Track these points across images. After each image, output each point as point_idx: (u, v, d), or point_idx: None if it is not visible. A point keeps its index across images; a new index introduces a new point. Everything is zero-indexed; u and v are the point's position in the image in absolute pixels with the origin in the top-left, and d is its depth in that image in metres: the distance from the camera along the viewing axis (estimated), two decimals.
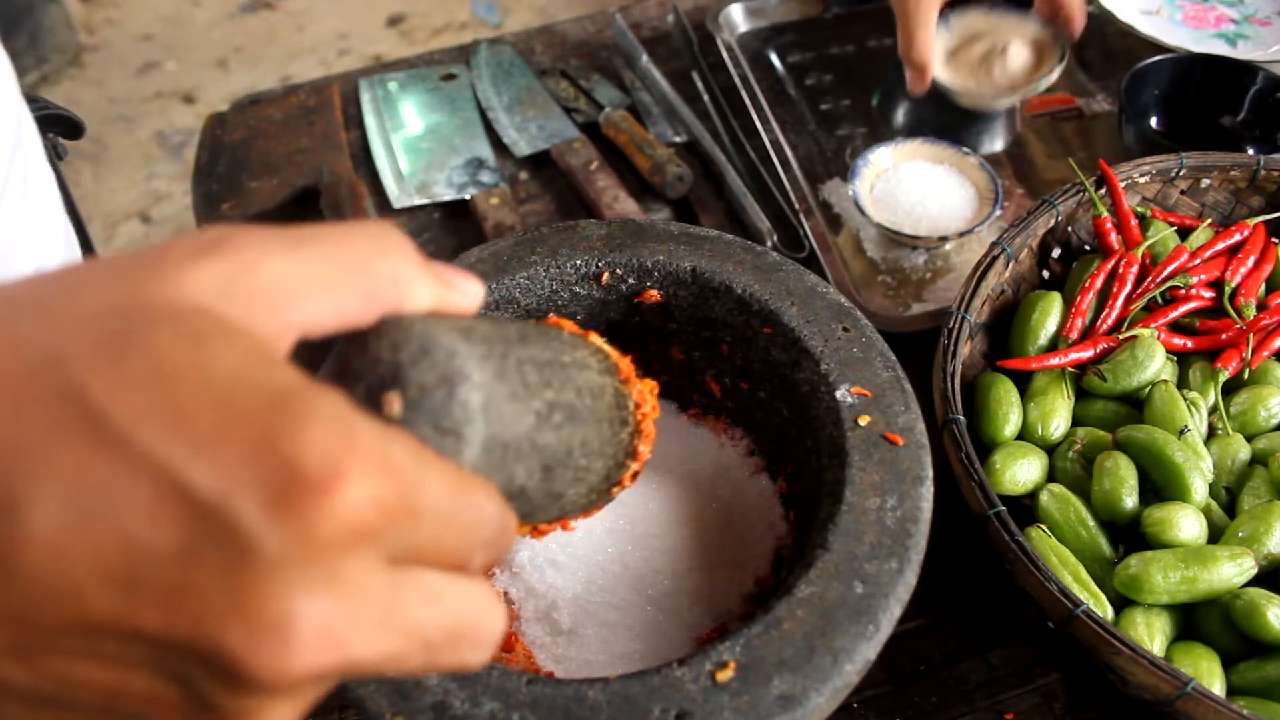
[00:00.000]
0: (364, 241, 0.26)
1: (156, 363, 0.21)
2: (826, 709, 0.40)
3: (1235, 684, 0.52)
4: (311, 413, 0.21)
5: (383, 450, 0.22)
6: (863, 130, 0.92)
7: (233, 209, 0.86)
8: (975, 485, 0.54)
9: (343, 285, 0.25)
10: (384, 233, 0.27)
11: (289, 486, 0.20)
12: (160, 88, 2.42)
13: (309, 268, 0.25)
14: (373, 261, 0.26)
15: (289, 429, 0.21)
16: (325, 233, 0.26)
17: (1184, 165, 0.70)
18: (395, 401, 0.26)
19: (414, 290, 0.27)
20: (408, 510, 0.22)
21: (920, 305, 0.77)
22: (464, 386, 0.27)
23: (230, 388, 0.21)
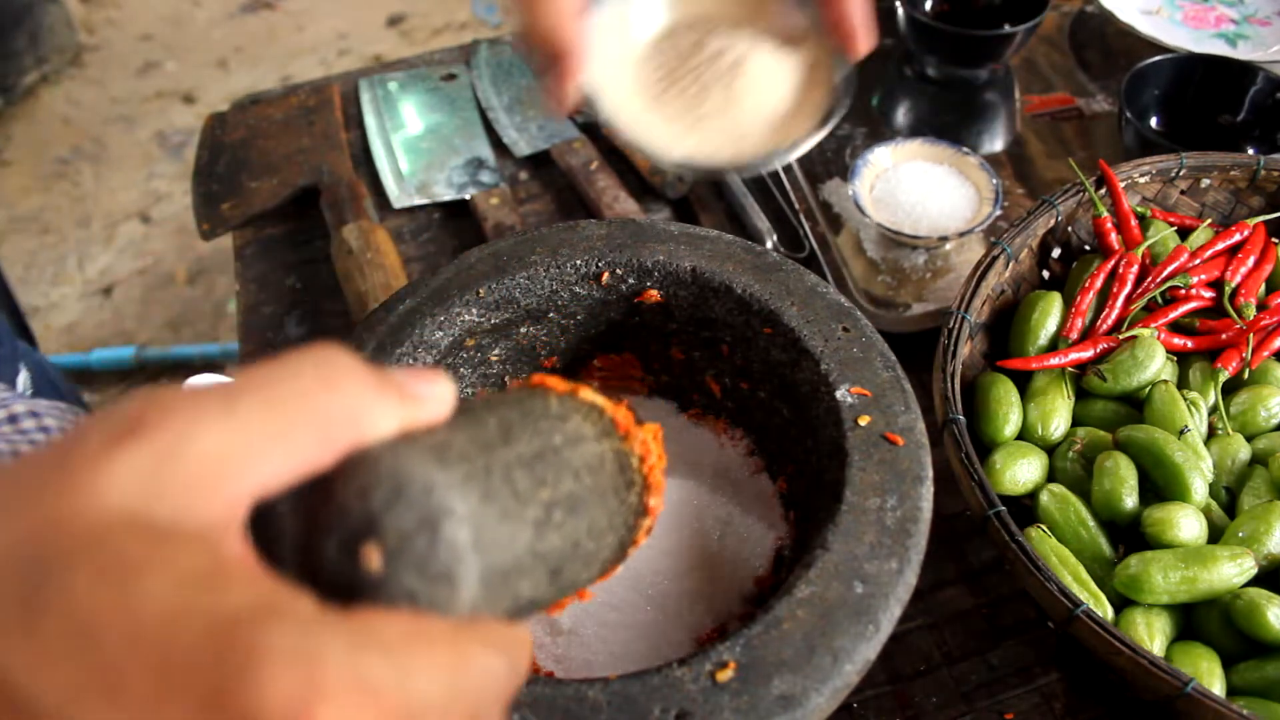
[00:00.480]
0: (308, 379, 0.23)
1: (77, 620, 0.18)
2: (826, 709, 0.40)
3: (1235, 684, 0.52)
4: (265, 651, 0.18)
5: (356, 674, 0.19)
6: (863, 130, 0.92)
7: (233, 209, 0.86)
8: (975, 485, 0.54)
9: (292, 437, 0.22)
10: (330, 362, 0.24)
11: None
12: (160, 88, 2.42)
13: (249, 427, 0.21)
14: (322, 400, 0.23)
15: (241, 678, 0.18)
16: (262, 379, 0.22)
17: (1184, 165, 0.70)
18: (374, 556, 0.24)
19: (375, 419, 0.24)
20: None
21: (920, 305, 0.77)
22: (448, 524, 0.25)
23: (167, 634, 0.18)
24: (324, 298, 0.81)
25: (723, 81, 0.48)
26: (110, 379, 1.80)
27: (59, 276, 2.00)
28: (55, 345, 1.88)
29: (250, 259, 0.85)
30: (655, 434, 0.39)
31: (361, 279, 0.75)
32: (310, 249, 0.85)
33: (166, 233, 2.08)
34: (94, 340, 1.88)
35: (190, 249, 2.03)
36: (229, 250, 0.87)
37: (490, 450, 0.29)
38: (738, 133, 0.50)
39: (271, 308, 0.80)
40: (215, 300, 1.94)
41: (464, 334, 0.55)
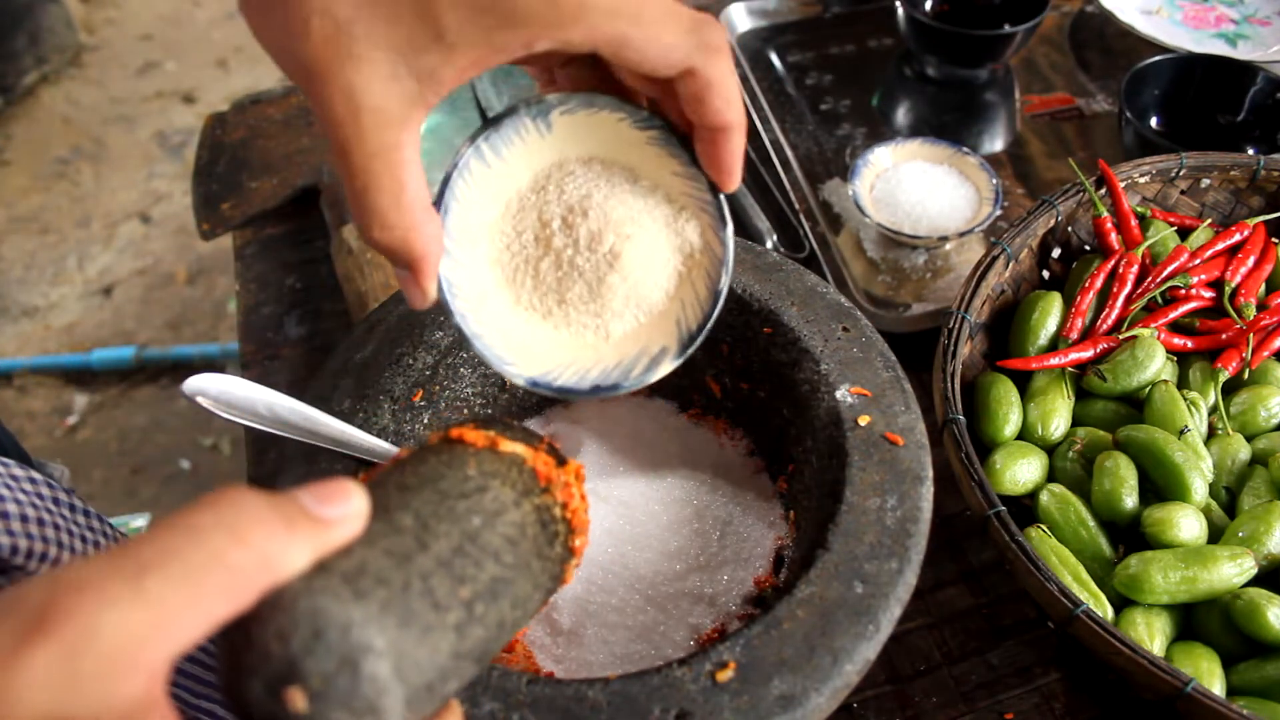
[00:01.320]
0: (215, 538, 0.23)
1: None
2: (826, 709, 0.40)
3: (1235, 684, 0.52)
4: None
5: None
6: (863, 130, 0.92)
7: (233, 209, 0.86)
8: (975, 485, 0.54)
9: (204, 601, 0.22)
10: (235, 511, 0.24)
11: None
12: (160, 88, 2.42)
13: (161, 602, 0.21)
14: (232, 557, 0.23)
15: None
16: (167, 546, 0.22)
17: (1184, 165, 0.70)
18: (299, 698, 0.24)
19: (288, 559, 0.25)
20: None
21: (920, 305, 0.77)
22: (368, 660, 0.25)
23: None
24: (324, 298, 0.81)
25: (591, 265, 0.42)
26: (110, 379, 1.80)
27: (59, 276, 2.00)
28: (55, 345, 1.88)
29: (250, 259, 0.85)
30: (577, 473, 0.38)
31: (361, 279, 0.75)
32: (310, 249, 0.85)
33: (166, 233, 2.08)
34: (94, 340, 1.88)
35: (190, 249, 2.03)
36: (229, 250, 0.87)
37: (408, 561, 0.29)
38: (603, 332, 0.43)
39: (271, 308, 0.80)
40: (215, 300, 1.94)
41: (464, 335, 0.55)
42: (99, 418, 1.76)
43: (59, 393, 1.80)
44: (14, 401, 1.78)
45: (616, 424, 0.61)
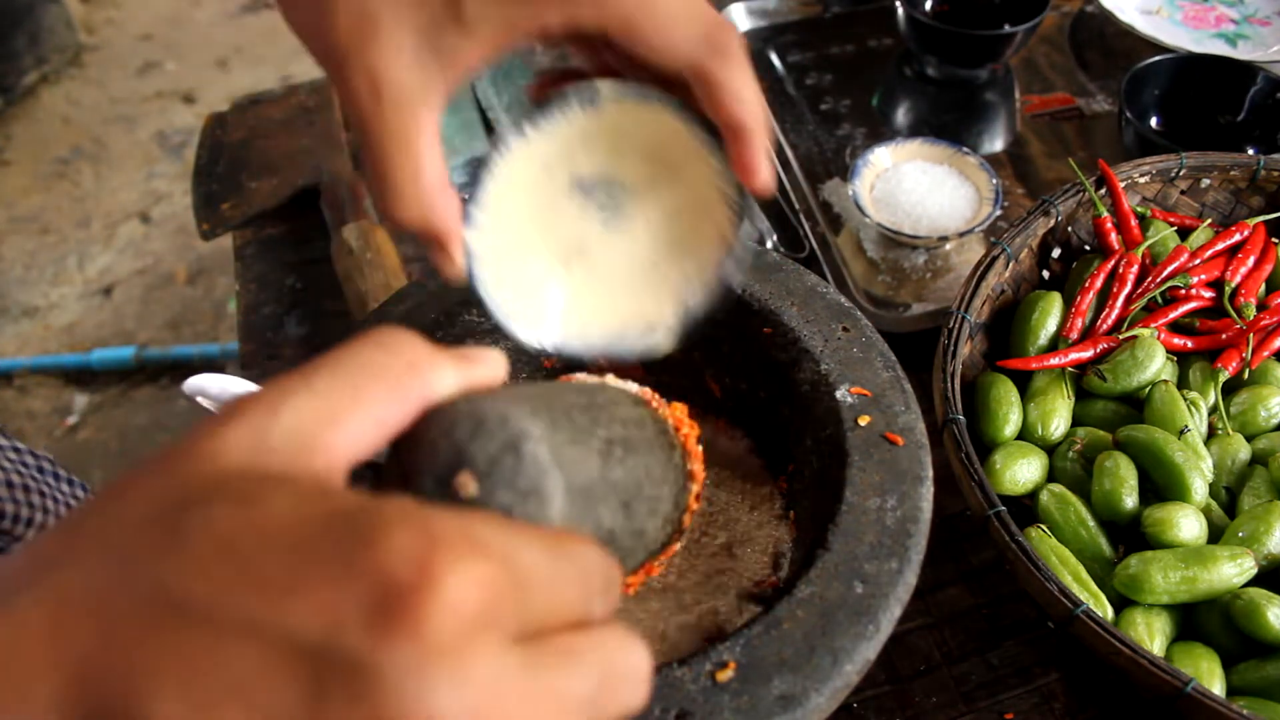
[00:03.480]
0: (371, 350, 0.26)
1: (216, 537, 0.21)
2: (826, 709, 0.40)
3: (1235, 684, 0.52)
4: (382, 522, 0.21)
5: (466, 533, 0.21)
6: (863, 130, 0.92)
7: (233, 209, 0.86)
8: (975, 485, 0.54)
9: (367, 396, 0.25)
10: (388, 335, 0.27)
11: (385, 601, 0.20)
12: (160, 88, 2.42)
13: (329, 393, 0.24)
14: (386, 362, 0.26)
15: (364, 545, 0.20)
16: (333, 358, 0.26)
17: (1184, 165, 0.70)
18: (469, 482, 0.26)
19: (438, 376, 0.27)
20: (512, 583, 0.22)
21: (920, 305, 0.77)
22: (529, 444, 0.27)
23: (293, 532, 0.21)
24: (324, 298, 0.81)
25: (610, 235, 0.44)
26: (110, 379, 1.80)
27: (59, 276, 2.00)
28: (55, 345, 1.88)
29: (250, 259, 0.85)
30: (683, 410, 0.41)
31: (361, 279, 0.75)
32: (310, 249, 0.85)
33: (166, 233, 2.08)
34: (94, 340, 1.88)
35: (190, 249, 2.03)
36: (229, 250, 0.87)
37: (546, 398, 0.31)
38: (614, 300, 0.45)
39: (271, 308, 0.80)
40: (215, 300, 1.94)
41: (464, 334, 0.55)
42: (99, 418, 1.76)
43: (59, 393, 1.80)
44: (14, 401, 1.78)
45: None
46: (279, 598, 0.20)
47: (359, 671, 0.19)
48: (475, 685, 0.20)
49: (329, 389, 0.24)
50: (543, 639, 0.23)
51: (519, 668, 0.21)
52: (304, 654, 0.20)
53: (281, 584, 0.20)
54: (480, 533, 0.22)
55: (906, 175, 0.82)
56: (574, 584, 0.24)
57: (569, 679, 0.23)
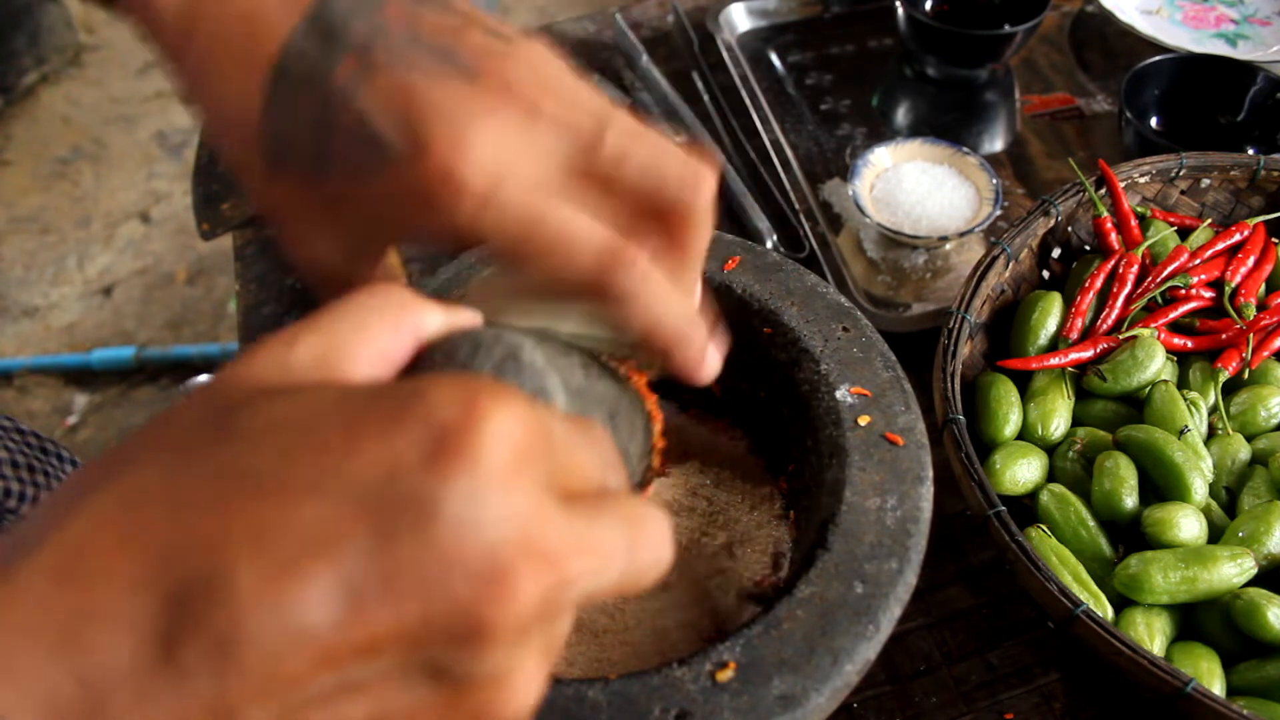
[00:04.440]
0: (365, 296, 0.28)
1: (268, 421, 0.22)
2: (826, 709, 0.40)
3: (1235, 684, 0.52)
4: (424, 385, 0.23)
5: (501, 391, 0.23)
6: (863, 130, 0.92)
7: (233, 209, 0.86)
8: (975, 485, 0.54)
9: (370, 331, 0.27)
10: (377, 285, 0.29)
11: (438, 440, 0.21)
12: (160, 88, 2.42)
13: (336, 330, 0.26)
14: (380, 304, 0.28)
15: (411, 403, 0.22)
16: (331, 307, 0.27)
17: (1184, 165, 0.70)
18: None
19: (427, 314, 0.29)
20: (544, 435, 0.23)
21: (920, 305, 0.77)
22: (525, 351, 0.28)
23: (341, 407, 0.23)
24: None
25: None
26: (110, 379, 1.80)
27: (59, 276, 2.00)
28: (55, 345, 1.88)
29: (250, 259, 0.85)
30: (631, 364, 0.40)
31: None
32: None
33: (166, 233, 2.08)
34: (94, 340, 1.88)
35: (190, 249, 2.03)
36: (229, 250, 0.87)
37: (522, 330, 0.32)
38: None
39: (271, 308, 0.80)
40: (215, 300, 1.94)
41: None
42: (99, 418, 1.76)
43: (59, 393, 1.80)
44: (14, 401, 1.78)
45: None
46: (339, 456, 0.21)
47: (420, 509, 0.21)
48: (526, 517, 0.22)
49: (335, 327, 0.26)
50: (573, 495, 0.24)
51: (561, 511, 0.23)
52: (369, 501, 0.21)
53: (339, 445, 0.22)
54: (512, 393, 0.23)
55: (906, 175, 0.82)
56: (593, 454, 0.26)
57: (603, 530, 0.24)
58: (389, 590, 0.21)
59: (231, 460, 0.22)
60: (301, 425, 0.22)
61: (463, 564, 0.21)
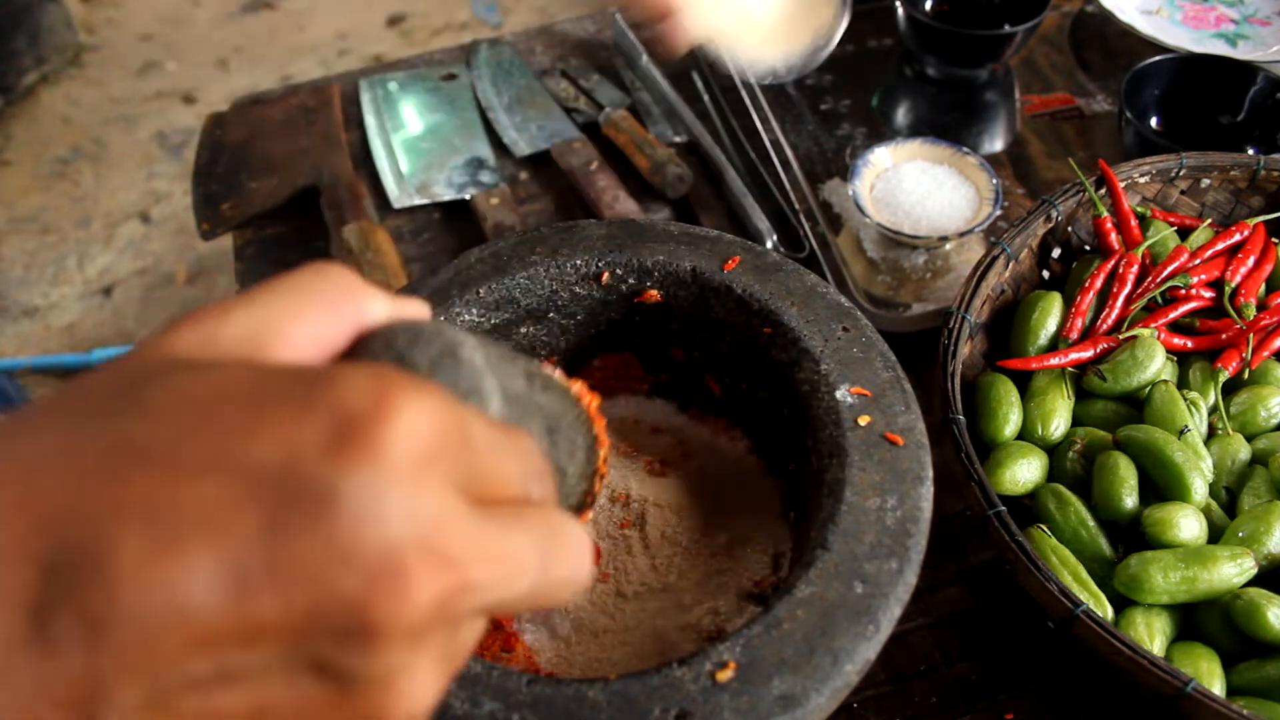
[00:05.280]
0: (308, 276, 0.27)
1: (176, 395, 0.22)
2: (826, 709, 0.40)
3: (1235, 684, 0.52)
4: (339, 371, 0.22)
5: (419, 385, 0.22)
6: (863, 130, 0.92)
7: (233, 209, 0.86)
8: (975, 485, 0.54)
9: (306, 313, 0.26)
10: (324, 265, 0.28)
11: (343, 428, 0.21)
12: (160, 88, 2.42)
13: (270, 308, 0.25)
14: (322, 286, 0.27)
15: (322, 387, 0.21)
16: (272, 282, 0.27)
17: (1184, 165, 0.70)
18: None
19: (371, 303, 0.28)
20: (461, 435, 0.23)
21: (920, 305, 0.77)
22: (464, 349, 0.28)
23: (252, 386, 0.22)
24: None
25: None
26: None
27: (59, 276, 2.00)
28: (55, 345, 1.88)
29: (250, 259, 0.85)
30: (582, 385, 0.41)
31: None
32: (310, 249, 0.85)
33: (166, 233, 2.08)
34: (94, 340, 1.88)
35: (190, 249, 2.03)
36: (229, 250, 0.87)
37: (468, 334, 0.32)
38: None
39: None
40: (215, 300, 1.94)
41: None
42: None
43: None
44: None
45: (616, 423, 0.61)
46: (240, 436, 0.21)
47: (318, 497, 0.20)
48: (429, 517, 0.21)
49: (270, 305, 0.25)
50: (488, 501, 0.23)
51: (469, 514, 0.22)
52: (265, 485, 0.20)
53: (242, 425, 0.21)
54: (433, 390, 0.23)
55: (907, 175, 0.82)
56: (515, 458, 0.25)
57: (516, 537, 0.23)
58: (276, 579, 0.20)
59: (132, 432, 0.21)
60: (208, 403, 0.21)
61: (356, 558, 0.20)
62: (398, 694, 0.22)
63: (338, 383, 0.21)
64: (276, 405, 0.21)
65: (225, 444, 0.21)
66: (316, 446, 0.21)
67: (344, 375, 0.22)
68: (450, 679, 0.23)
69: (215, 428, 0.21)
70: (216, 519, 0.20)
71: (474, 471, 0.23)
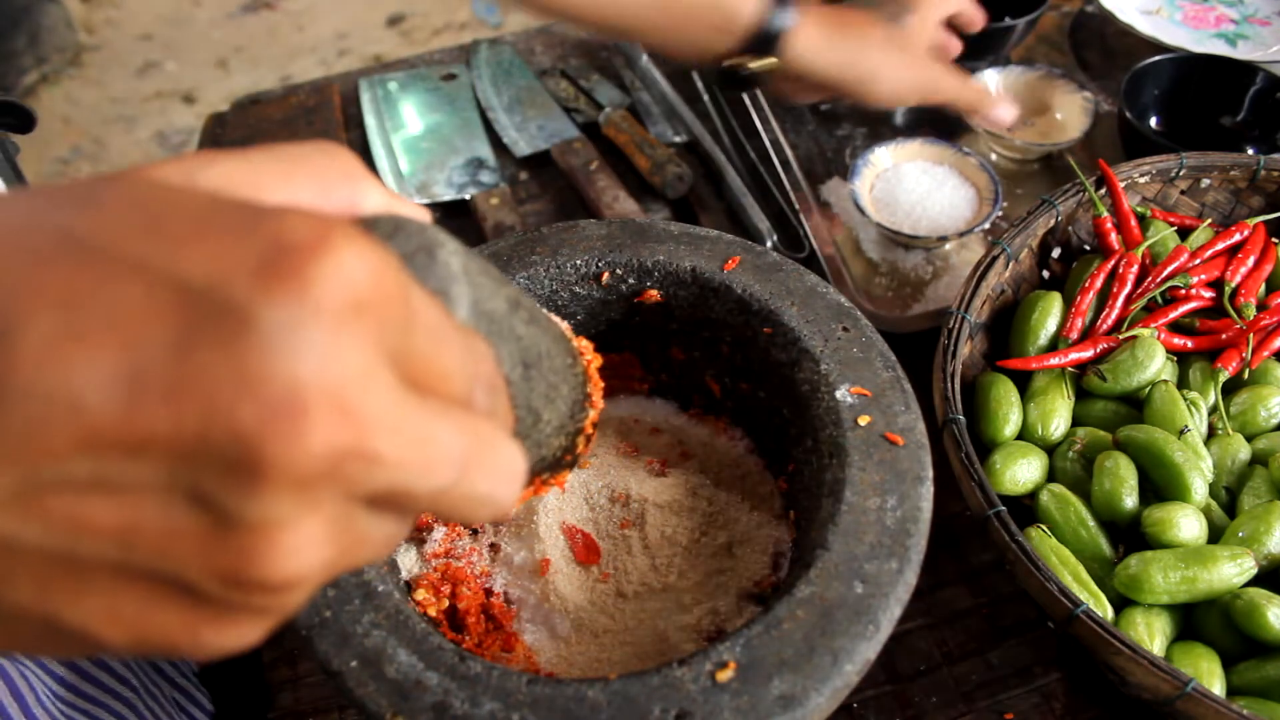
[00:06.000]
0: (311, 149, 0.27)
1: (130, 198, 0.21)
2: (826, 709, 0.40)
3: (1235, 684, 0.52)
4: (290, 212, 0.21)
5: (370, 241, 0.21)
6: (863, 130, 0.92)
7: None
8: (975, 485, 0.54)
9: (295, 181, 0.26)
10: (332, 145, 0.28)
11: (276, 256, 0.20)
12: (160, 88, 2.42)
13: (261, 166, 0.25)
14: (321, 160, 0.26)
15: (270, 217, 0.21)
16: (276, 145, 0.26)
17: (1184, 165, 0.70)
18: None
19: (367, 191, 0.27)
20: (403, 303, 0.22)
21: (920, 305, 0.77)
22: (443, 250, 0.27)
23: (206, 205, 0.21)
24: None
25: None
26: None
27: None
28: None
29: None
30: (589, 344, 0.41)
31: None
32: None
33: None
34: None
35: None
36: None
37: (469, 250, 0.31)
38: None
39: None
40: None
41: None
42: None
43: None
44: None
45: (616, 423, 0.61)
46: (176, 245, 0.20)
47: (234, 318, 0.19)
48: (345, 368, 0.20)
49: (261, 164, 0.25)
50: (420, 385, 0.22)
51: (390, 384, 0.21)
52: (186, 296, 0.20)
53: (181, 236, 0.20)
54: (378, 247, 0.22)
55: (907, 175, 0.82)
56: (462, 360, 0.24)
57: (440, 428, 0.22)
58: (172, 393, 0.19)
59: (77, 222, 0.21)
60: (157, 211, 0.21)
61: (257, 388, 0.19)
62: (271, 546, 0.20)
63: (285, 216, 0.21)
64: (221, 225, 0.21)
65: (160, 250, 0.20)
66: (246, 267, 0.20)
67: (292, 211, 0.21)
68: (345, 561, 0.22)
69: (155, 234, 0.20)
70: (130, 321, 0.19)
71: (409, 348, 0.22)
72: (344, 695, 0.39)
